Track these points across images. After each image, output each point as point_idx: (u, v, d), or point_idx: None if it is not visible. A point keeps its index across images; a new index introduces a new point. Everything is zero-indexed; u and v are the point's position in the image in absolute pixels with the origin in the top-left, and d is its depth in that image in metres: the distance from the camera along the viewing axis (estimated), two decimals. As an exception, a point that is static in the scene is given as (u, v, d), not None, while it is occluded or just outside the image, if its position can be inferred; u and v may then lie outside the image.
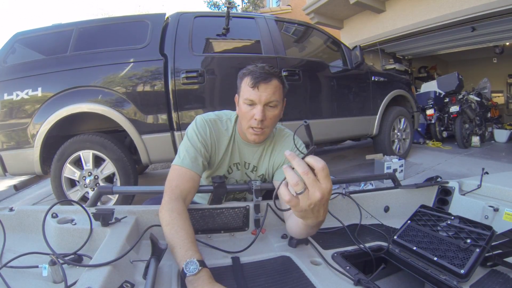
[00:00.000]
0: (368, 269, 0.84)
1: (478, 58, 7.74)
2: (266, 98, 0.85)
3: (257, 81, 0.84)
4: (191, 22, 2.25)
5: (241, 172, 1.02)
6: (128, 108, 2.04)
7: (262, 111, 0.85)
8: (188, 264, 0.60)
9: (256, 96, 0.85)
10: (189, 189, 0.83)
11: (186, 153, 0.87)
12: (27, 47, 2.18)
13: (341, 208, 1.02)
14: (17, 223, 0.78)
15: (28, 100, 1.98)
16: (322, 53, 3.08)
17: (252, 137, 0.90)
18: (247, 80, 0.86)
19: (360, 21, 6.21)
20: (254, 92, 0.85)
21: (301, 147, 0.97)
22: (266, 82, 0.84)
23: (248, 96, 0.85)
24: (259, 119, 0.85)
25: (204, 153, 0.90)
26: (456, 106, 4.42)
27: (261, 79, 0.84)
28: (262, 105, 0.85)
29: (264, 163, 1.00)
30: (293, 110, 2.50)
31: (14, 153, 2.03)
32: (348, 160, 3.84)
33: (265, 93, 0.85)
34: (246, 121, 0.88)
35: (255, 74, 0.85)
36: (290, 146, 0.97)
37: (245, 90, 0.87)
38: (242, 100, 0.88)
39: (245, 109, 0.87)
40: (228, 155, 0.97)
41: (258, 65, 0.88)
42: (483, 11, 4.20)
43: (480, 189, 1.05)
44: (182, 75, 2.10)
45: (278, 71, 0.89)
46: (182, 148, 0.89)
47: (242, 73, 0.90)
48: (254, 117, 0.85)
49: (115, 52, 2.11)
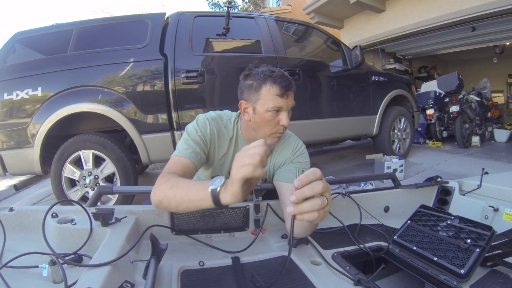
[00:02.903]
0: (368, 269, 0.84)
1: (478, 58, 7.73)
2: (291, 105, 0.88)
3: (286, 89, 0.84)
4: (191, 21, 2.25)
5: None
6: (128, 108, 2.04)
7: (289, 117, 0.88)
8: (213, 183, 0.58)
9: (285, 103, 0.86)
10: (184, 173, 0.81)
11: (184, 145, 0.87)
12: (27, 47, 2.18)
13: (341, 208, 1.02)
14: (17, 223, 0.78)
15: (28, 100, 1.98)
16: (322, 52, 3.08)
17: (275, 140, 0.91)
18: (273, 88, 0.84)
19: (360, 21, 6.21)
20: (282, 100, 0.85)
21: (300, 149, 0.97)
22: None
23: (276, 104, 0.85)
24: (287, 125, 0.87)
25: (202, 147, 0.89)
26: (456, 106, 4.42)
27: (289, 88, 0.85)
28: (287, 112, 0.88)
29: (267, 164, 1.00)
30: (293, 110, 2.47)
31: (14, 153, 2.03)
32: (348, 160, 3.84)
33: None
34: (271, 128, 0.88)
35: (283, 83, 0.84)
36: (291, 147, 0.97)
37: (271, 99, 0.84)
38: (265, 108, 0.85)
39: (270, 117, 0.86)
40: (230, 156, 0.97)
41: (274, 71, 0.86)
42: (483, 11, 4.19)
43: (480, 189, 1.05)
44: (182, 74, 2.10)
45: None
46: (180, 142, 0.89)
47: (258, 79, 0.86)
48: (281, 123, 0.87)
49: (115, 51, 2.10)
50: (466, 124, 4.52)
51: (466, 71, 7.30)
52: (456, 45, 6.30)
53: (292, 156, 0.96)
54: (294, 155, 0.96)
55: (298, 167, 0.93)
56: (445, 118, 4.68)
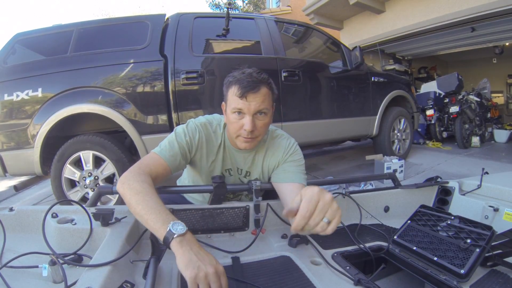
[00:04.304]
0: (368, 269, 0.84)
1: (478, 59, 7.75)
2: (255, 108, 0.82)
3: (245, 90, 0.80)
4: (191, 23, 2.25)
5: (234, 178, 1.01)
6: (128, 109, 2.04)
7: (251, 122, 0.82)
8: (175, 225, 0.59)
9: (245, 106, 0.81)
10: (157, 174, 0.80)
11: (167, 145, 0.86)
12: (27, 48, 2.19)
13: (341, 208, 1.01)
14: (17, 223, 0.78)
15: (29, 101, 1.99)
16: (322, 53, 3.08)
17: (242, 145, 0.88)
18: (234, 89, 0.82)
19: (360, 22, 6.22)
20: (242, 102, 0.81)
21: (292, 147, 0.96)
22: (255, 91, 0.81)
23: (236, 106, 0.82)
24: (249, 129, 0.82)
25: (185, 153, 0.89)
26: (456, 107, 4.42)
27: (249, 88, 0.80)
28: (251, 115, 0.82)
29: (257, 167, 0.99)
30: (293, 110, 2.50)
31: (14, 154, 2.03)
32: (348, 161, 3.84)
33: (254, 103, 0.81)
34: (235, 130, 0.85)
35: (243, 83, 0.80)
36: (282, 147, 0.96)
37: (233, 100, 0.83)
38: (230, 110, 0.84)
39: (234, 119, 0.84)
40: (219, 162, 0.96)
41: (245, 72, 0.83)
42: (482, 12, 4.21)
43: (480, 189, 1.05)
44: (182, 75, 2.10)
45: (266, 77, 0.85)
46: (165, 141, 0.88)
47: (228, 81, 0.86)
48: (244, 127, 0.82)
49: (115, 52, 2.11)
50: (466, 124, 4.52)
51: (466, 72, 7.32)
52: (456, 45, 6.31)
53: (285, 156, 0.95)
54: (286, 154, 0.95)
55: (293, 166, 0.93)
56: (445, 118, 4.68)
